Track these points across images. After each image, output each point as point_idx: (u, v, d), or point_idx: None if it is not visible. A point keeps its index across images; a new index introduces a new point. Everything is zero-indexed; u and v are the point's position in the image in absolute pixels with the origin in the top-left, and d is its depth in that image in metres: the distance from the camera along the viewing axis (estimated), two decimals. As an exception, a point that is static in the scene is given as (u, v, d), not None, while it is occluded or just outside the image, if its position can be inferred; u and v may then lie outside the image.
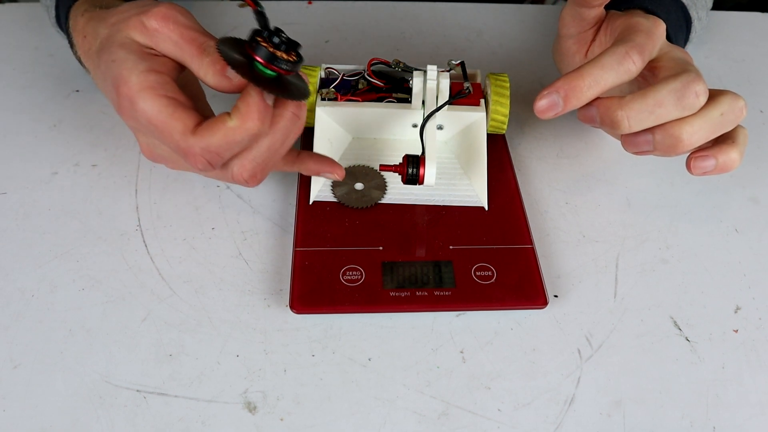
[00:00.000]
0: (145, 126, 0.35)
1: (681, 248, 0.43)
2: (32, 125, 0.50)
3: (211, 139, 0.34)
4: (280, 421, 0.35)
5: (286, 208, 0.45)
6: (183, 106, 0.34)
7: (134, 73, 0.34)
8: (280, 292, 0.40)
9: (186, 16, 0.36)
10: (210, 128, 0.34)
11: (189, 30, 0.35)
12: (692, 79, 0.37)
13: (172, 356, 0.37)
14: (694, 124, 0.37)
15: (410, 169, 0.40)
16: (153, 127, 0.34)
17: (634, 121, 0.37)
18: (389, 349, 0.38)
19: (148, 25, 0.35)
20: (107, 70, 0.36)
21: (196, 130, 0.34)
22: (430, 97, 0.43)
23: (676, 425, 0.35)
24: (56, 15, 0.48)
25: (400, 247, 0.41)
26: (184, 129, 0.34)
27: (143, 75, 0.34)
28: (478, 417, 0.35)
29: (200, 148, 0.34)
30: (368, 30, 0.62)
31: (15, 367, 0.36)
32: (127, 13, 0.37)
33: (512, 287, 0.39)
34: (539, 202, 0.46)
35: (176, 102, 0.34)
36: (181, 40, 0.35)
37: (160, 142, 0.36)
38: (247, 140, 0.34)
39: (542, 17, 0.65)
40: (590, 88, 0.37)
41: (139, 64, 0.34)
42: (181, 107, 0.34)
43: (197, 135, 0.34)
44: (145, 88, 0.34)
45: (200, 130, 0.34)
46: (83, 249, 0.42)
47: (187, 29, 0.35)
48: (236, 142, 0.34)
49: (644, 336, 0.39)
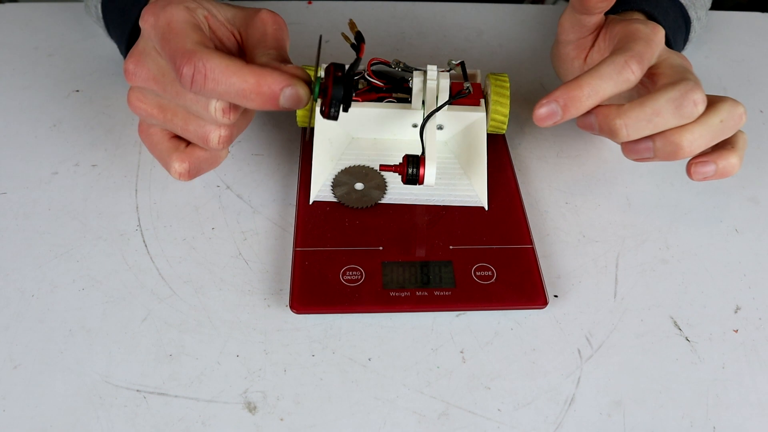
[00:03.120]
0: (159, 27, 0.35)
1: (681, 248, 0.43)
2: (32, 125, 0.50)
3: (216, 58, 0.33)
4: (280, 421, 0.35)
5: (286, 208, 0.45)
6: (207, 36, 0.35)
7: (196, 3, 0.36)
8: (280, 292, 0.40)
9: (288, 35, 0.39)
10: (221, 54, 0.34)
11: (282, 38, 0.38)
12: (690, 87, 0.37)
13: (172, 356, 0.37)
14: (694, 132, 0.37)
15: (410, 169, 0.40)
16: (167, 29, 0.34)
17: (632, 129, 0.37)
18: (389, 349, 0.38)
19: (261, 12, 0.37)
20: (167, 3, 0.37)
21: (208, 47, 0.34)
22: (430, 97, 0.43)
23: (676, 425, 0.35)
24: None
25: (400, 247, 0.41)
26: (200, 40, 0.34)
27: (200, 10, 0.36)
28: (478, 417, 0.35)
29: (199, 58, 0.33)
30: (368, 30, 0.62)
31: (15, 367, 0.36)
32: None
33: (512, 287, 0.39)
34: (539, 202, 0.46)
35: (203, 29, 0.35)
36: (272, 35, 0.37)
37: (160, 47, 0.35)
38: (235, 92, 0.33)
39: (542, 17, 0.65)
40: (589, 98, 0.37)
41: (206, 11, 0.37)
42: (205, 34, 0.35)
43: (207, 49, 0.34)
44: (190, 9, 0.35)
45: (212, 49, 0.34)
46: (83, 249, 0.42)
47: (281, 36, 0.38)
48: (229, 83, 0.33)
49: (644, 336, 0.39)
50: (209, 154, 0.39)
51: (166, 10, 0.35)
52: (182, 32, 0.34)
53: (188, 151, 0.39)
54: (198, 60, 0.33)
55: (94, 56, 0.57)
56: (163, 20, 0.35)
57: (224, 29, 0.38)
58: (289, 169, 0.47)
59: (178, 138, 0.39)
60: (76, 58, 0.57)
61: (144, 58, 0.37)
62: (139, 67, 0.37)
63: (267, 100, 0.33)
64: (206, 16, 0.37)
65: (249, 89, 0.33)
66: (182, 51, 0.33)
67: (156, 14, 0.35)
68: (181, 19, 0.35)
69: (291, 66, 0.35)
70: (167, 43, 0.34)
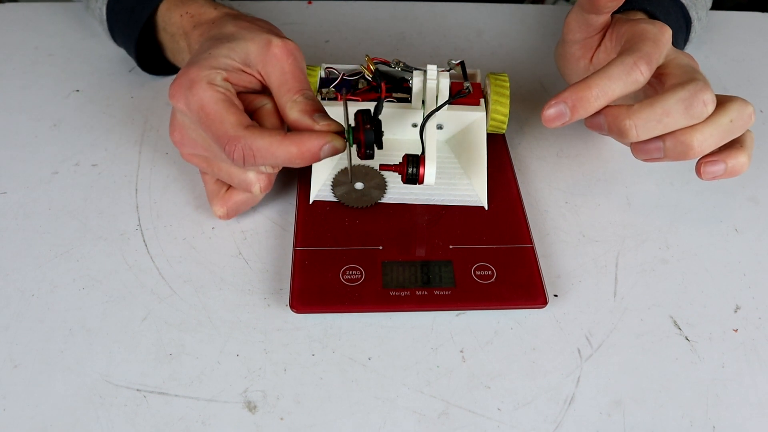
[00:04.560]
0: (193, 111, 0.37)
1: (681, 248, 0.43)
2: (32, 125, 0.50)
3: (259, 139, 0.36)
4: (280, 420, 0.35)
5: (286, 208, 0.45)
6: (239, 108, 0.38)
7: (213, 70, 0.38)
8: (280, 292, 0.40)
9: (303, 59, 0.40)
10: (261, 131, 0.37)
11: (300, 70, 0.40)
12: (700, 88, 0.37)
13: (172, 356, 0.37)
14: (704, 132, 0.37)
15: (410, 169, 0.40)
16: (203, 114, 0.37)
17: (642, 129, 0.37)
18: (389, 348, 0.38)
19: (272, 46, 0.39)
20: (199, 51, 0.40)
21: (248, 127, 0.37)
22: (430, 96, 0.43)
23: (676, 425, 0.35)
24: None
25: (400, 246, 0.41)
26: (238, 122, 0.37)
27: (218, 75, 0.38)
28: (478, 417, 0.35)
29: (245, 142, 0.36)
30: (368, 30, 0.62)
31: (15, 367, 0.36)
32: (258, 26, 0.41)
33: (512, 287, 0.39)
34: (539, 202, 0.46)
35: (234, 103, 0.38)
36: (290, 72, 0.39)
37: (200, 128, 0.38)
38: (282, 161, 0.37)
39: (542, 17, 0.65)
40: (598, 99, 0.37)
41: (223, 72, 0.38)
42: (238, 108, 0.37)
43: (248, 130, 0.36)
44: (212, 83, 0.37)
45: (252, 128, 0.37)
46: (83, 249, 0.42)
47: (299, 68, 0.39)
48: (275, 155, 0.36)
49: (644, 336, 0.39)
50: (246, 197, 0.42)
51: (194, 93, 0.37)
52: (218, 117, 0.37)
53: (226, 197, 0.42)
54: (243, 143, 0.36)
55: (94, 56, 0.57)
56: (195, 105, 0.37)
57: (244, 77, 0.40)
58: (289, 169, 0.47)
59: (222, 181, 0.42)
60: (76, 58, 0.57)
61: (186, 131, 0.40)
62: (185, 138, 0.40)
63: (309, 160, 0.37)
64: (225, 78, 0.38)
65: (293, 156, 0.36)
66: (226, 137, 0.36)
67: (186, 97, 0.37)
68: (212, 101, 0.37)
69: (324, 123, 0.37)
70: (208, 128, 0.37)
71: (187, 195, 0.45)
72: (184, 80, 0.38)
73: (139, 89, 0.54)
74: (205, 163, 0.41)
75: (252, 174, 0.40)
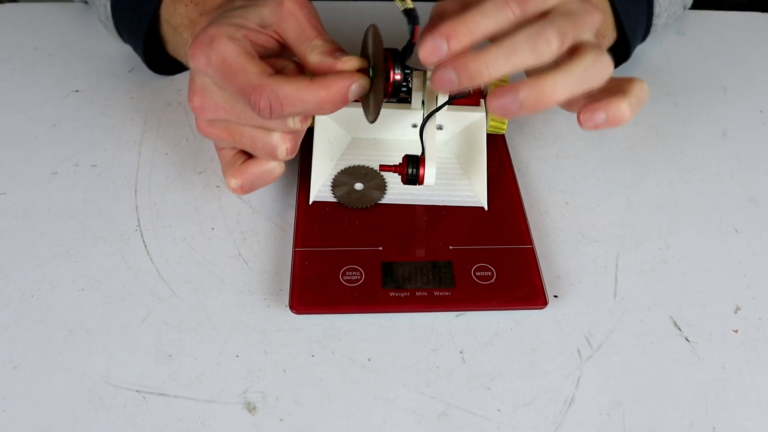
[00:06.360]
0: (214, 66, 0.36)
1: (681, 248, 0.43)
2: (32, 125, 0.50)
3: (285, 86, 0.35)
4: (280, 421, 0.35)
5: (285, 208, 0.45)
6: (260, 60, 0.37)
7: (232, 26, 0.37)
8: (279, 292, 0.40)
9: (316, 10, 0.39)
10: (287, 78, 0.35)
11: (315, 18, 0.39)
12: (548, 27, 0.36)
13: (172, 356, 0.37)
14: (556, 78, 0.36)
15: (410, 170, 0.40)
16: (225, 67, 0.36)
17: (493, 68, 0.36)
18: (389, 349, 0.38)
19: (284, 3, 0.38)
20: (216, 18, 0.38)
21: (272, 75, 0.36)
22: (429, 97, 0.43)
23: (676, 425, 0.35)
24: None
25: (399, 247, 0.41)
26: (262, 71, 0.36)
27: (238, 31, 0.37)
28: (477, 417, 0.35)
29: (271, 89, 0.35)
30: (368, 30, 0.62)
31: (15, 367, 0.36)
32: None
33: (512, 287, 0.39)
34: (539, 202, 0.46)
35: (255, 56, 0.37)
36: (306, 22, 0.38)
37: (223, 84, 0.37)
38: (311, 107, 0.35)
39: (542, 17, 0.64)
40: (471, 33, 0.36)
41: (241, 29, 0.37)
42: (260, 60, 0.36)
43: (273, 78, 0.35)
44: (232, 37, 0.36)
45: (277, 76, 0.36)
46: (83, 249, 0.42)
47: (314, 17, 0.39)
48: (303, 101, 0.35)
49: (644, 336, 0.39)
50: (264, 170, 0.41)
51: (215, 47, 0.36)
52: (241, 68, 0.36)
53: (242, 168, 0.40)
54: (270, 91, 0.35)
55: (94, 56, 0.57)
56: (216, 59, 0.36)
57: (262, 36, 0.39)
58: (289, 169, 0.47)
59: (240, 153, 0.41)
60: (76, 58, 0.57)
61: (207, 92, 0.38)
62: (206, 101, 0.39)
63: (338, 103, 0.36)
64: (245, 35, 0.38)
65: (322, 100, 0.35)
66: (251, 87, 0.35)
67: (207, 54, 0.37)
68: (234, 53, 0.36)
69: (345, 60, 0.37)
70: (231, 80, 0.36)
71: (187, 195, 0.45)
72: (204, 37, 0.37)
73: (139, 90, 0.54)
74: (225, 133, 0.39)
75: (277, 136, 0.39)
